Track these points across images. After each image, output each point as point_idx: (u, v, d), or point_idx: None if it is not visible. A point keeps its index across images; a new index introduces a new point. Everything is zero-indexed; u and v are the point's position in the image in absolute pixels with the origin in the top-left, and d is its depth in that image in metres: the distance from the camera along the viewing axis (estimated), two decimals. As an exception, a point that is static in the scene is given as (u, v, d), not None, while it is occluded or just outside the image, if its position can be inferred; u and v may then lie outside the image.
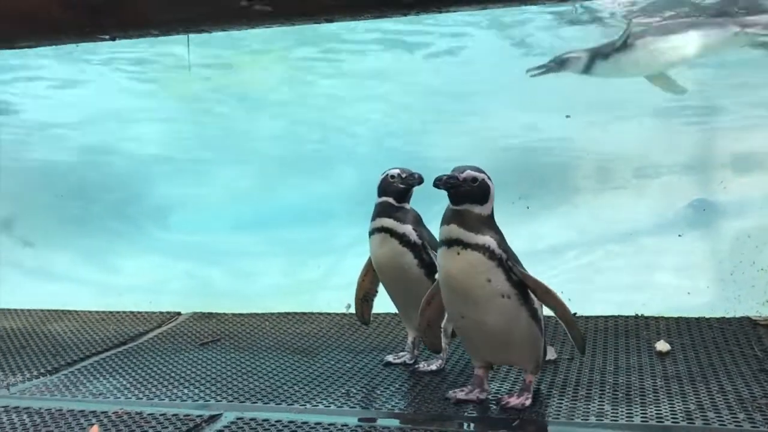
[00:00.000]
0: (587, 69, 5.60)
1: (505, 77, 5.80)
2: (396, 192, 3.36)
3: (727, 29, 5.52)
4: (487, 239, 2.78)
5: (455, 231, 2.78)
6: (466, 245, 2.77)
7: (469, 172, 2.80)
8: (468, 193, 2.78)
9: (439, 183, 2.77)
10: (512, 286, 2.81)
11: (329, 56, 7.09)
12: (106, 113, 7.33)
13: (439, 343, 3.29)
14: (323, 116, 7.35)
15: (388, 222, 3.33)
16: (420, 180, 3.33)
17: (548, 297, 2.87)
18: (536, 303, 2.89)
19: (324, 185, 7.08)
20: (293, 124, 7.33)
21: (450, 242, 2.80)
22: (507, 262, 2.80)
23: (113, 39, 3.16)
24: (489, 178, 2.85)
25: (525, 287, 2.85)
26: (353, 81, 7.21)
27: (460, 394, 3.05)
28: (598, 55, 5.60)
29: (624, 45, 5.53)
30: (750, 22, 5.50)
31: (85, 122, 7.30)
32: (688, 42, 5.57)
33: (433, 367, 3.45)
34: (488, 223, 2.83)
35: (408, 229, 3.32)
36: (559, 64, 5.55)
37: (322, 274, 6.14)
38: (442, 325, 3.38)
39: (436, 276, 3.02)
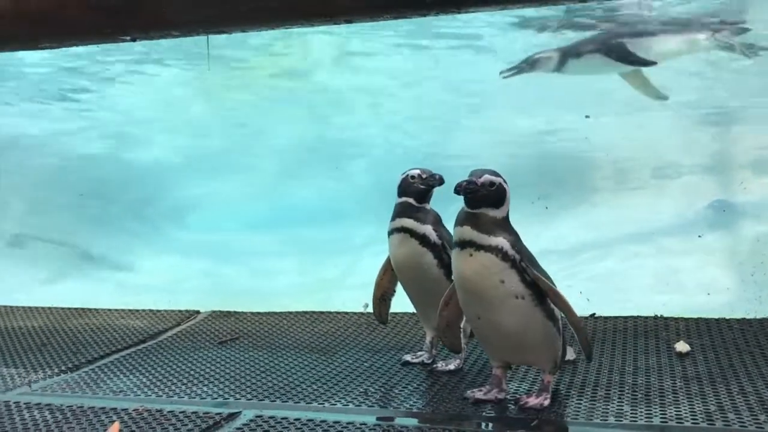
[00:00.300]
0: (559, 68, 5.62)
1: (524, 77, 5.78)
2: (416, 192, 3.36)
3: (698, 34, 5.60)
4: (500, 241, 2.78)
5: (468, 233, 2.79)
6: (479, 247, 2.78)
7: (486, 177, 2.80)
8: (485, 197, 2.79)
9: (459, 189, 2.78)
10: (526, 287, 2.80)
11: (346, 56, 7.10)
12: (126, 113, 7.39)
13: (458, 343, 3.29)
14: (338, 116, 7.37)
15: (408, 222, 3.33)
16: (441, 181, 3.33)
17: (558, 301, 2.86)
18: (552, 304, 2.89)
19: (339, 185, 7.10)
20: (308, 124, 7.35)
21: (463, 244, 2.81)
22: (521, 263, 2.79)
23: (134, 40, 3.18)
24: (505, 182, 2.85)
25: (540, 288, 2.84)
26: (367, 80, 7.23)
27: (479, 394, 3.05)
28: (570, 54, 5.64)
29: (600, 45, 5.57)
30: (719, 28, 5.56)
31: (104, 123, 7.37)
32: (660, 43, 5.56)
33: (451, 366, 3.45)
34: (503, 226, 2.83)
35: (428, 229, 3.32)
36: (530, 64, 5.62)
37: (338, 274, 6.16)
38: (461, 326, 3.39)
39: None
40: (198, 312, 4.83)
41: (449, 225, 3.29)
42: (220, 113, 7.38)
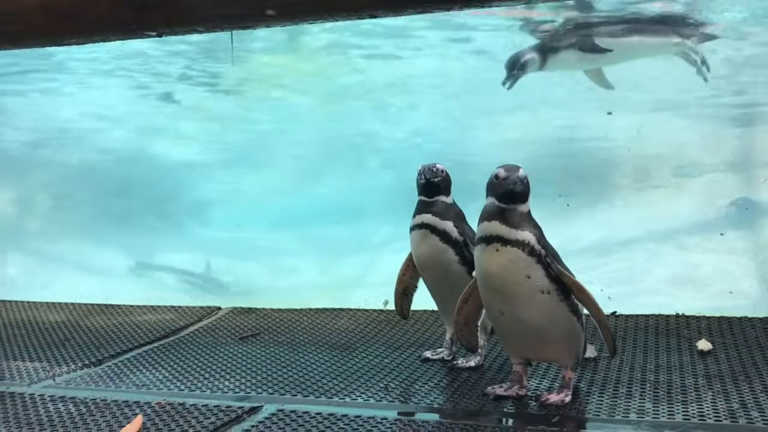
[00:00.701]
0: (542, 66, 5.72)
1: (544, 73, 5.76)
2: (421, 187, 3.38)
3: (668, 38, 5.66)
4: (527, 235, 2.78)
5: (496, 228, 2.79)
6: (506, 242, 2.77)
7: (522, 171, 2.80)
8: (520, 193, 2.79)
9: (509, 186, 2.76)
10: (552, 282, 2.80)
11: (365, 53, 7.11)
12: (148, 111, 7.44)
13: (475, 341, 3.29)
14: (359, 113, 7.38)
15: (427, 218, 3.34)
16: (432, 173, 3.31)
17: (583, 296, 2.86)
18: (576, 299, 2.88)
19: (359, 183, 7.11)
20: (328, 121, 7.36)
21: (489, 239, 2.80)
22: (546, 258, 2.79)
23: (159, 36, 3.21)
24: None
25: (564, 283, 2.84)
26: (389, 77, 7.22)
27: (500, 390, 3.05)
28: (549, 51, 5.71)
29: (575, 42, 5.63)
30: (688, 33, 5.64)
31: (127, 119, 7.42)
32: (630, 45, 5.67)
33: (472, 363, 3.46)
34: (528, 219, 2.83)
35: (449, 225, 3.32)
36: (521, 68, 5.68)
37: (358, 272, 6.17)
38: (480, 323, 3.39)
39: (474, 273, 3.02)
40: (219, 308, 4.87)
41: (470, 222, 3.32)
42: (242, 110, 7.41)
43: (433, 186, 3.35)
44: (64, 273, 6.12)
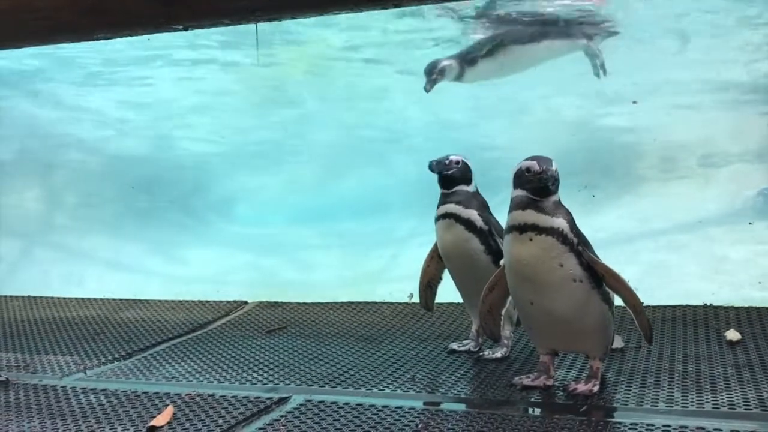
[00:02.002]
0: (459, 77, 5.82)
1: (569, 64, 5.74)
2: (439, 180, 3.39)
3: (574, 39, 5.82)
4: (561, 222, 2.77)
5: (531, 216, 2.78)
6: (541, 230, 2.76)
7: (554, 164, 2.79)
8: (553, 185, 2.78)
9: (542, 182, 2.75)
10: (584, 270, 2.79)
11: (386, 47, 7.11)
12: (174, 107, 7.50)
13: (498, 330, 3.27)
14: (381, 107, 7.38)
15: (451, 207, 3.35)
16: (442, 166, 3.34)
17: (617, 283, 2.85)
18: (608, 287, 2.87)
19: (382, 177, 7.11)
20: (351, 115, 7.38)
21: (523, 228, 2.79)
22: (578, 246, 2.78)
23: (186, 29, 3.24)
24: None
25: (595, 272, 2.83)
26: (410, 71, 7.21)
27: (527, 381, 3.05)
28: (465, 62, 5.81)
29: (489, 52, 5.78)
30: (591, 32, 5.82)
31: (153, 116, 7.49)
32: (542, 49, 5.80)
33: (498, 354, 3.46)
34: (560, 207, 2.83)
35: (473, 214, 3.33)
36: (440, 73, 5.77)
37: (382, 266, 6.17)
38: (505, 313, 3.39)
39: (501, 262, 3.02)
40: (246, 302, 4.92)
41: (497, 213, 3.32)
42: (266, 106, 7.45)
43: (448, 178, 3.36)
44: (93, 269, 6.18)
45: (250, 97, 7.39)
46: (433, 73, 5.68)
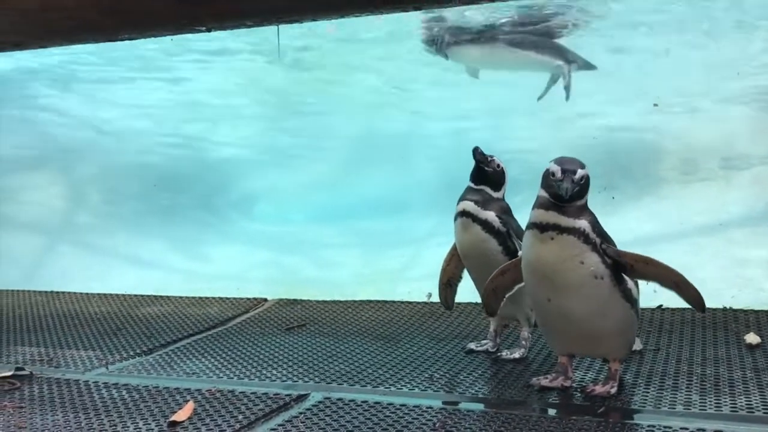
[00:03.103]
0: (446, 50, 6.27)
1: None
2: (472, 173, 3.39)
3: (554, 59, 6.16)
4: (583, 223, 2.76)
5: (553, 218, 2.76)
6: (563, 230, 2.75)
7: (580, 171, 2.74)
8: (576, 194, 2.75)
9: (564, 195, 2.71)
10: (606, 267, 2.78)
11: (408, 47, 7.12)
12: (196, 106, 7.57)
13: (496, 306, 3.21)
14: (401, 107, 7.40)
15: (468, 206, 3.35)
16: (483, 158, 3.33)
17: (651, 267, 2.80)
18: (630, 283, 2.86)
19: (402, 176, 7.13)
20: (371, 115, 7.40)
21: (544, 227, 2.77)
22: (601, 245, 2.78)
23: (209, 30, 3.28)
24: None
25: (618, 269, 2.80)
26: (430, 71, 7.23)
27: (545, 381, 3.05)
28: (450, 43, 6.24)
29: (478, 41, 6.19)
30: (572, 59, 6.20)
31: (177, 115, 7.55)
32: (525, 58, 6.19)
33: (516, 355, 3.47)
34: (584, 210, 2.81)
35: (491, 215, 3.33)
36: (434, 42, 5.95)
37: (401, 265, 6.20)
38: (524, 313, 3.40)
39: (520, 253, 3.00)
40: (265, 300, 4.95)
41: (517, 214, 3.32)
42: (287, 106, 7.50)
43: (482, 172, 3.36)
44: (115, 265, 6.26)
45: (271, 97, 7.44)
46: (437, 42, 5.79)
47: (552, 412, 2.86)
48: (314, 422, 2.80)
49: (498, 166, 3.38)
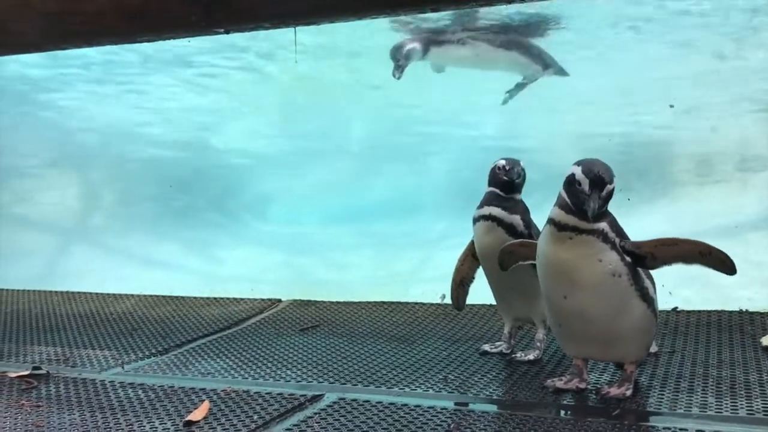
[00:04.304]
0: (422, 57, 6.05)
1: (605, 67, 5.74)
2: (501, 184, 3.35)
3: (533, 62, 6.12)
4: (603, 225, 2.75)
5: (573, 221, 2.74)
6: (581, 231, 2.74)
7: (611, 186, 2.69)
8: (606, 204, 2.74)
9: (591, 210, 2.66)
10: (624, 266, 2.76)
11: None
12: (208, 109, 7.61)
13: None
14: (414, 110, 7.40)
15: (495, 211, 3.33)
16: (518, 175, 3.31)
17: (673, 246, 2.77)
18: (647, 282, 2.85)
19: (415, 179, 7.14)
20: (384, 118, 7.41)
21: (563, 227, 2.76)
22: (621, 244, 2.77)
23: (227, 32, 3.30)
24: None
25: (636, 267, 2.79)
26: (443, 74, 7.23)
27: (559, 383, 3.05)
28: (432, 43, 6.04)
29: (461, 41, 6.07)
30: (548, 64, 6.15)
31: (191, 118, 7.60)
32: (505, 58, 6.13)
33: (531, 357, 3.46)
34: (604, 213, 2.79)
35: (516, 219, 3.32)
36: (406, 57, 5.91)
37: (415, 266, 6.21)
38: (539, 315, 3.40)
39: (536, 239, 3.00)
40: (279, 300, 4.97)
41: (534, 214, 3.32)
42: (300, 108, 7.52)
43: (514, 185, 3.36)
44: (130, 266, 6.31)
45: (285, 99, 7.47)
46: (399, 59, 5.81)
47: (567, 414, 2.86)
48: (329, 422, 2.80)
49: (524, 170, 3.37)
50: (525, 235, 3.30)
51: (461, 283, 3.63)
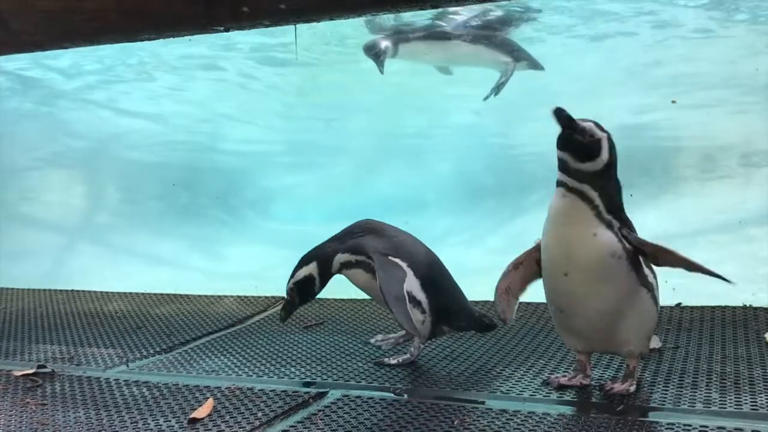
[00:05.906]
0: (393, 55, 6.08)
1: (604, 64, 5.73)
2: None
3: (504, 56, 6.13)
4: (593, 194, 2.76)
5: (563, 177, 2.79)
6: (570, 189, 2.77)
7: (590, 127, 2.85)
8: (590, 152, 2.82)
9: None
10: (623, 250, 2.75)
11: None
12: (214, 107, 7.61)
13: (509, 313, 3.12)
14: (417, 108, 7.40)
15: None
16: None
17: (669, 256, 2.78)
18: (647, 270, 2.84)
19: (419, 176, 7.13)
20: (389, 116, 7.41)
21: (558, 183, 2.80)
22: (620, 230, 2.76)
23: (227, 30, 3.30)
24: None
25: (636, 254, 2.79)
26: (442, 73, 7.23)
27: (563, 380, 3.05)
28: (400, 40, 6.09)
29: (426, 36, 6.13)
30: (522, 57, 6.18)
31: (195, 116, 7.61)
32: (474, 51, 6.17)
33: (399, 360, 3.48)
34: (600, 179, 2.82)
35: None
36: (376, 55, 5.92)
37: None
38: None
39: (535, 241, 2.97)
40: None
41: (530, 215, 3.32)
42: (304, 107, 7.53)
43: None
44: (134, 264, 6.32)
45: (288, 98, 7.47)
46: (380, 55, 5.86)
47: (570, 410, 2.86)
48: (333, 419, 2.81)
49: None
50: None
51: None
